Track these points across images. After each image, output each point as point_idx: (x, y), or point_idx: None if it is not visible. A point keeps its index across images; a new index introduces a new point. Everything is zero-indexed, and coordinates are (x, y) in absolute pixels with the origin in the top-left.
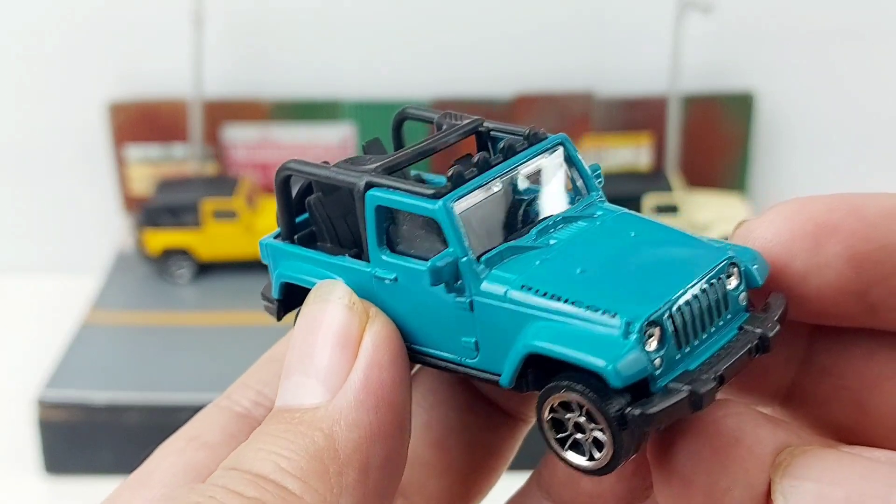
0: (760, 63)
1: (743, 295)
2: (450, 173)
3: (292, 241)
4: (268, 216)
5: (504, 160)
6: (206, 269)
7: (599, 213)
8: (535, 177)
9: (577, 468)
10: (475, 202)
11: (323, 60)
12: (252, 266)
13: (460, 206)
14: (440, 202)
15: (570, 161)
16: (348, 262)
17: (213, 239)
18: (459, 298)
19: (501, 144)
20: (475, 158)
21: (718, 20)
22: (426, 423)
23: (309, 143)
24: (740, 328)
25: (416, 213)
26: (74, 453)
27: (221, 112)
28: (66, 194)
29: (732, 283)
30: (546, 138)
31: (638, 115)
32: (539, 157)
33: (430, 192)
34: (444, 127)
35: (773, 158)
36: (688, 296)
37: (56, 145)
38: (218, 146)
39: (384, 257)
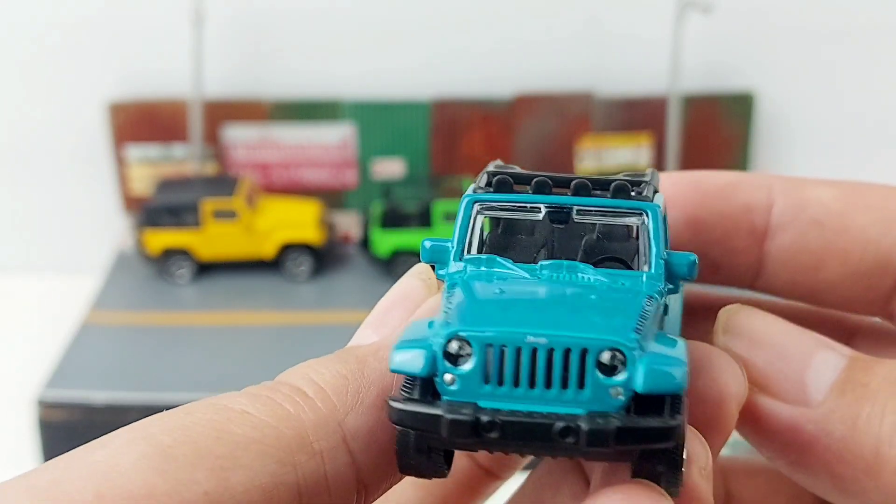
0: (760, 63)
1: (619, 390)
2: (496, 178)
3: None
4: (268, 216)
5: (569, 195)
6: (205, 269)
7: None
8: (595, 226)
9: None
10: (504, 213)
11: (323, 60)
12: (252, 266)
13: (484, 208)
14: (470, 195)
15: (647, 232)
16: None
17: (213, 239)
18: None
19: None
20: (539, 181)
21: (718, 20)
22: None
23: (309, 143)
24: (589, 413)
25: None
26: None
27: (221, 112)
28: (66, 194)
29: (620, 374)
30: (636, 199)
31: (638, 115)
32: (603, 210)
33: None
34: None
35: (773, 158)
36: (531, 339)
37: (55, 145)
38: (218, 146)
39: None
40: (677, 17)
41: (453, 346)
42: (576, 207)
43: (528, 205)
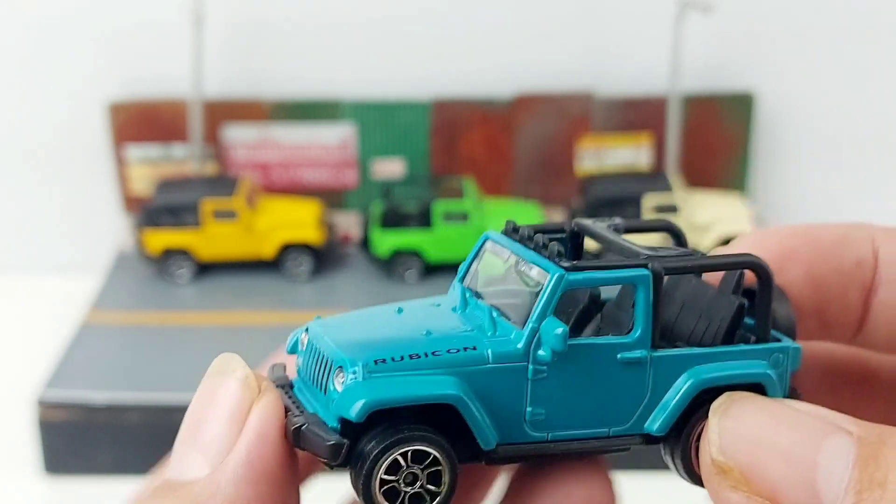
0: (760, 63)
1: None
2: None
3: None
4: (268, 216)
5: (533, 249)
6: (205, 268)
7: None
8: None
9: None
10: (492, 253)
11: (323, 61)
12: (252, 266)
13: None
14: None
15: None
16: None
17: (213, 239)
18: None
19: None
20: (531, 233)
21: (718, 20)
22: None
23: (309, 143)
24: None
25: None
26: (74, 453)
27: (221, 112)
28: (67, 195)
29: (338, 379)
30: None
31: (638, 115)
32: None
33: None
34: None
35: (773, 158)
36: (321, 344)
37: (56, 146)
38: (218, 146)
39: None
40: (677, 17)
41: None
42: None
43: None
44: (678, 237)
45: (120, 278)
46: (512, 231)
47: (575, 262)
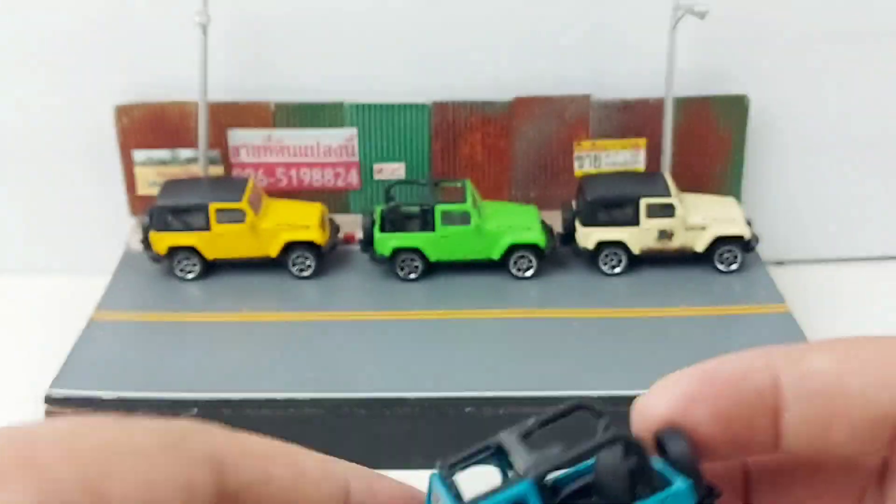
0: (755, 67)
1: None
2: None
3: None
4: (273, 218)
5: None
6: (212, 266)
7: None
8: None
9: None
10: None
11: (326, 65)
12: (257, 265)
13: None
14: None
15: None
16: None
17: (219, 241)
18: None
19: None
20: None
21: (714, 25)
22: None
23: (313, 145)
24: None
25: None
26: None
27: (227, 116)
28: (74, 197)
29: None
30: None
31: (635, 118)
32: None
33: None
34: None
35: (768, 162)
36: None
37: (64, 149)
38: (224, 149)
39: None
40: (673, 22)
41: None
42: None
43: None
44: (593, 411)
45: (127, 277)
46: (444, 476)
47: None
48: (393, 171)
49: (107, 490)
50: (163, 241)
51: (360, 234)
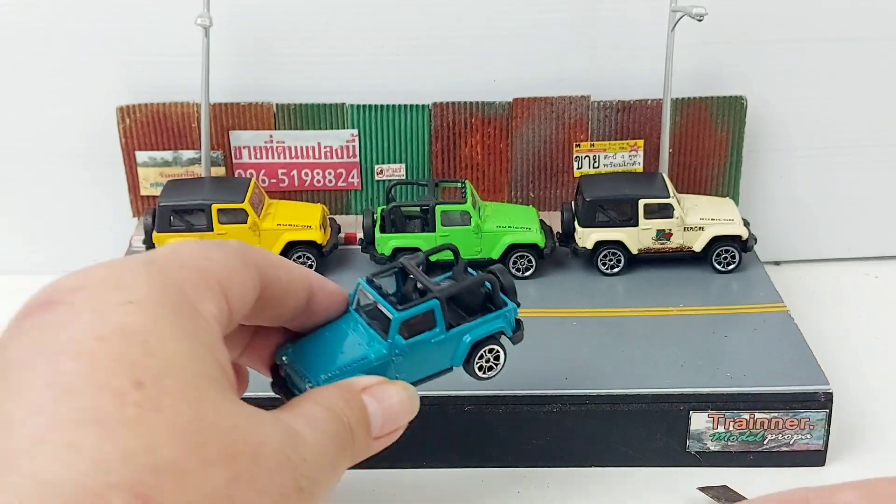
0: (753, 69)
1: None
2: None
3: None
4: (274, 219)
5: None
6: None
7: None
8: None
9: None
10: (363, 293)
11: (327, 67)
12: None
13: None
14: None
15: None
16: None
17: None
18: None
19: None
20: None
21: (712, 27)
22: None
23: (314, 146)
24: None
25: None
26: None
27: (229, 117)
28: (78, 198)
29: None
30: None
31: (633, 119)
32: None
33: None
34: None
35: (765, 163)
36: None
37: (68, 150)
38: (226, 150)
39: None
40: (670, 24)
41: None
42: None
43: None
44: (456, 254)
45: None
46: (370, 280)
47: (401, 307)
48: (393, 171)
49: (220, 284)
50: (165, 241)
51: (360, 235)
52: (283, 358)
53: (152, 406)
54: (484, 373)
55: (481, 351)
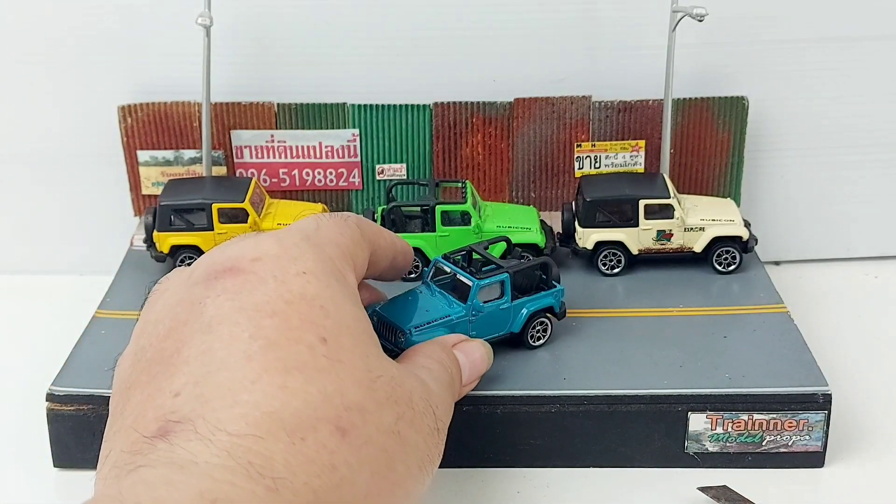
0: (754, 69)
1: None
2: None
3: None
4: (276, 218)
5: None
6: None
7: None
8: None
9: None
10: (439, 267)
11: (328, 67)
12: None
13: None
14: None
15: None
16: None
17: (222, 241)
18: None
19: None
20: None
21: (713, 27)
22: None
23: (315, 146)
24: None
25: None
26: (83, 447)
27: (230, 117)
28: (79, 196)
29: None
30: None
31: (634, 119)
32: None
33: None
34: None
35: (766, 163)
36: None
37: (69, 149)
38: (227, 150)
39: None
40: (671, 24)
41: None
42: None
43: None
44: (511, 246)
45: (130, 276)
46: (446, 257)
47: (479, 276)
48: (394, 171)
49: (351, 256)
50: (166, 240)
51: None
52: (377, 309)
53: (336, 358)
54: (534, 342)
55: (534, 322)
